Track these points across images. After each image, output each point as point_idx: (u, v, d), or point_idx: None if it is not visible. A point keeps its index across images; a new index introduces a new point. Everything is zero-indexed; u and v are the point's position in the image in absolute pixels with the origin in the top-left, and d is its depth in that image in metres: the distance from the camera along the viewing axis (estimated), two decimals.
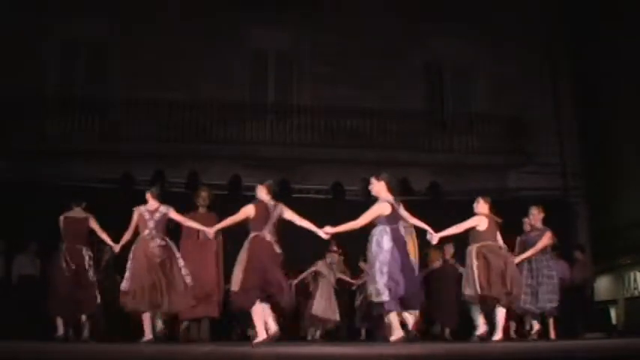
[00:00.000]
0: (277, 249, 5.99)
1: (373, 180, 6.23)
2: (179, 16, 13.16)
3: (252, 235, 5.99)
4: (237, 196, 11.22)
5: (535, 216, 7.38)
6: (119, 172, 11.37)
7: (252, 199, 6.29)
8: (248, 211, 6.08)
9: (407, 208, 8.34)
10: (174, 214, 6.73)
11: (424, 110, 13.56)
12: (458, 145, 13.11)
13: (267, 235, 5.96)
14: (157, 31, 13.03)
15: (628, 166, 13.30)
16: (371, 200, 6.28)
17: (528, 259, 7.33)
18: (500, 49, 13.71)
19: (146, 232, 6.60)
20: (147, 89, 12.38)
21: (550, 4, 14.42)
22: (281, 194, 11.45)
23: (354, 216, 6.17)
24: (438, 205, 11.26)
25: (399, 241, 6.00)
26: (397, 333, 5.77)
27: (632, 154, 13.15)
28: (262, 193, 6.18)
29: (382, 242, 5.94)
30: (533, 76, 13.85)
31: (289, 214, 6.17)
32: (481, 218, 6.79)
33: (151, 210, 6.72)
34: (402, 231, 6.19)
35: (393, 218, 6.07)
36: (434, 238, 6.57)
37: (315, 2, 13.48)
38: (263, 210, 6.07)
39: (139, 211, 6.74)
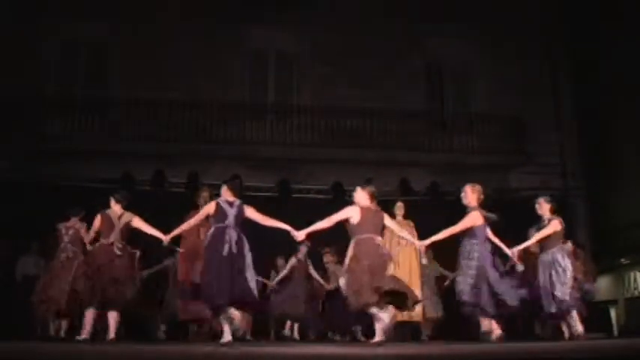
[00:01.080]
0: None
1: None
2: (179, 16, 13.16)
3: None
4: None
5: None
6: (119, 172, 11.38)
7: (248, 199, 6.25)
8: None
9: (407, 208, 8.41)
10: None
11: (424, 110, 13.57)
12: (458, 145, 13.11)
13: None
14: (157, 31, 13.03)
15: (628, 166, 13.29)
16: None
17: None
18: (500, 49, 13.72)
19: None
20: (147, 89, 12.39)
21: (550, 4, 14.43)
22: (281, 194, 11.64)
23: None
24: (438, 205, 11.27)
25: None
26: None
27: (632, 154, 13.14)
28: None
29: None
30: (533, 76, 13.86)
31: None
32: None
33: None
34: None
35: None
36: None
37: (316, 2, 13.49)
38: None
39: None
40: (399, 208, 8.26)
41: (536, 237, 7.04)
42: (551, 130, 13.78)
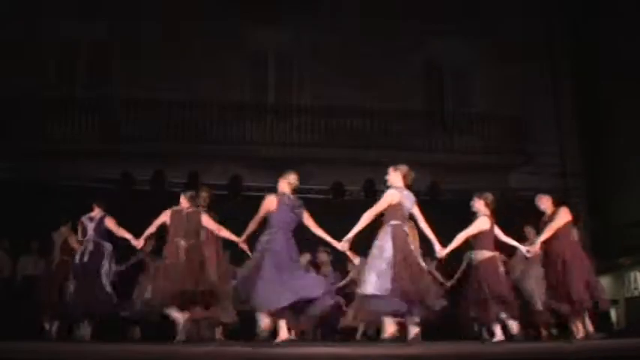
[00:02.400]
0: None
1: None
2: (179, 16, 13.15)
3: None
4: (237, 196, 11.25)
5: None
6: (119, 172, 11.38)
7: (248, 199, 6.25)
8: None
9: None
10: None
11: (424, 110, 13.56)
12: (458, 145, 13.10)
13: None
14: (157, 31, 13.02)
15: (628, 166, 13.28)
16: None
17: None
18: (501, 49, 13.70)
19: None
20: (147, 89, 12.38)
21: (550, 4, 14.43)
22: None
23: (354, 216, 6.16)
24: (438, 205, 11.26)
25: None
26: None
27: (631, 154, 13.13)
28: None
29: None
30: (533, 76, 13.85)
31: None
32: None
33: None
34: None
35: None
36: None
37: (315, 2, 13.48)
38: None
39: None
40: None
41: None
42: (551, 130, 13.77)
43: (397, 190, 6.00)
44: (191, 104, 12.52)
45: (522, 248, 6.89)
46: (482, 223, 6.72)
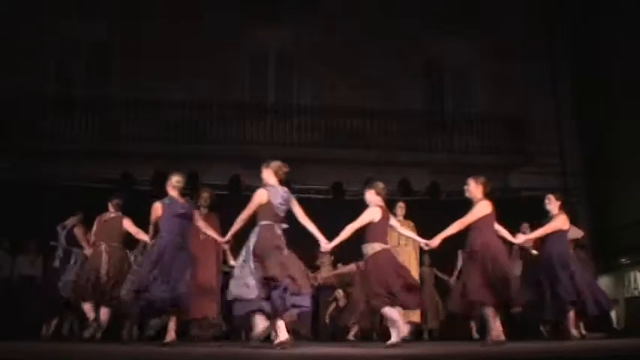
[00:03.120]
0: None
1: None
2: (179, 16, 13.16)
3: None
4: (237, 196, 11.24)
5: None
6: (119, 172, 11.38)
7: (248, 199, 6.22)
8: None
9: (407, 208, 8.42)
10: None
11: (424, 110, 13.56)
12: (458, 145, 13.10)
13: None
14: (157, 31, 13.02)
15: (628, 166, 13.28)
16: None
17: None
18: (500, 49, 13.71)
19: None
20: (147, 89, 12.39)
21: (550, 4, 14.43)
22: None
23: (354, 216, 6.16)
24: (438, 205, 11.26)
25: None
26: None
27: (632, 154, 13.12)
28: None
29: None
30: (533, 76, 13.85)
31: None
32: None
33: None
34: None
35: None
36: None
37: (316, 2, 13.48)
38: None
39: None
40: (400, 208, 8.27)
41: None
42: (551, 130, 13.78)
43: (266, 189, 5.84)
44: (191, 104, 12.52)
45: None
46: (372, 214, 6.17)
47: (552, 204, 7.24)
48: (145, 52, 12.97)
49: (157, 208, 6.20)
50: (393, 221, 6.34)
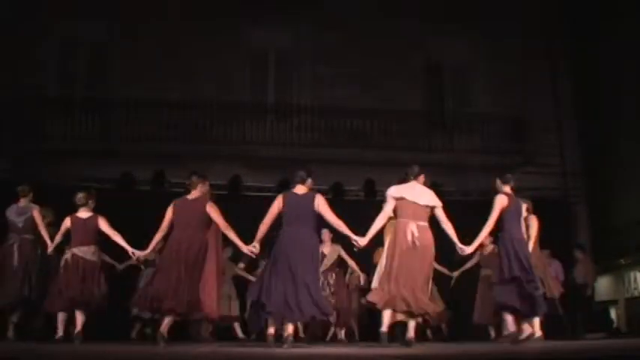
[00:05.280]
0: None
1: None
2: (179, 16, 13.15)
3: None
4: (237, 196, 11.25)
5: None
6: (119, 172, 11.38)
7: (248, 199, 6.22)
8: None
9: None
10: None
11: (424, 110, 13.55)
12: (458, 145, 13.09)
13: None
14: (156, 31, 13.02)
15: (628, 166, 13.29)
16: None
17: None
18: (500, 49, 13.70)
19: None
20: (147, 89, 12.39)
21: (550, 4, 14.42)
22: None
23: (354, 216, 6.17)
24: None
25: None
26: None
27: (632, 154, 13.13)
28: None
29: None
30: (533, 76, 13.84)
31: None
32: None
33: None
34: None
35: None
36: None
37: (316, 2, 13.47)
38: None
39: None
40: None
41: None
42: (551, 130, 13.76)
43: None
44: (191, 104, 12.52)
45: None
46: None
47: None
48: (145, 52, 12.96)
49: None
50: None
